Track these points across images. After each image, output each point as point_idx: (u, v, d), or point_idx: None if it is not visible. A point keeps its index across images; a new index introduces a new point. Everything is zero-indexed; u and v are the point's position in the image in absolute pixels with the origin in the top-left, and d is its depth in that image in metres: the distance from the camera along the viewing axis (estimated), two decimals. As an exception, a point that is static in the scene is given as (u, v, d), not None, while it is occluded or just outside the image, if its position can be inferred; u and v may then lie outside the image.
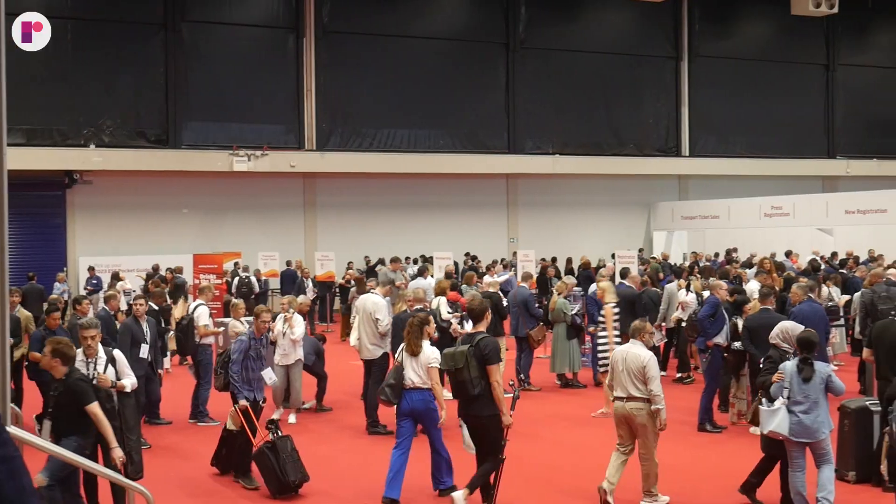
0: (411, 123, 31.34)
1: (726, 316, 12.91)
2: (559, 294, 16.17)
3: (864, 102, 36.92)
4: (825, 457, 8.61)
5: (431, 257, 25.65)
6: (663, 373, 15.05)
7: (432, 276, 21.19)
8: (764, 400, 8.88)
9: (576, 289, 18.24)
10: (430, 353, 9.58)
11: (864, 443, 9.91)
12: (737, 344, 12.65)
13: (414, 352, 9.53)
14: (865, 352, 11.24)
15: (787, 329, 9.61)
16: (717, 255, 29.43)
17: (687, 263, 25.76)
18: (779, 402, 8.62)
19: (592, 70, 33.62)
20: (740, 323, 12.64)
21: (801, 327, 9.42)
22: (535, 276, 23.78)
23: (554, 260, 28.40)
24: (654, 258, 28.14)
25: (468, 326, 10.51)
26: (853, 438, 10.03)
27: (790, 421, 8.53)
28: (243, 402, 10.19)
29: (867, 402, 10.15)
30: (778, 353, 9.36)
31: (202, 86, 28.88)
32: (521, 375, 15.83)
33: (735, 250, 28.94)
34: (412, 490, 9.59)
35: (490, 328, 9.96)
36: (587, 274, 25.51)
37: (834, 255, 26.31)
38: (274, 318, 12.87)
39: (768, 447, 9.04)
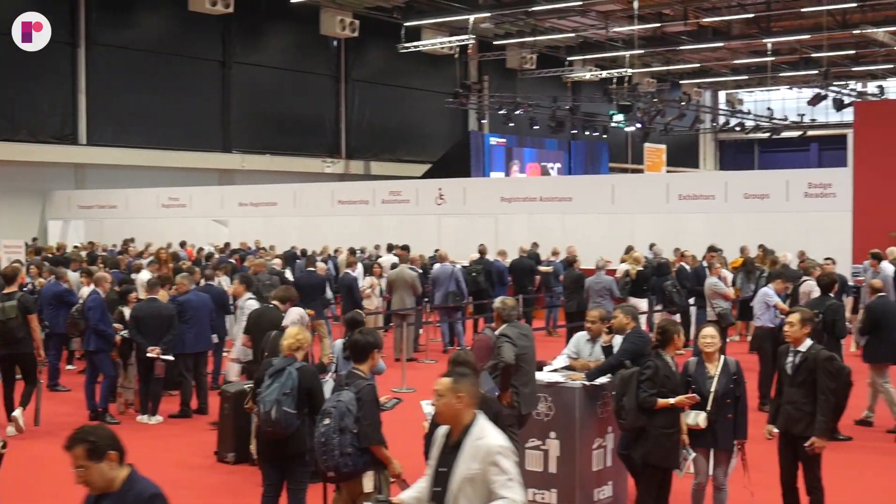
0: None
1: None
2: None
3: (258, 100, 38.67)
4: None
5: None
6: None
7: None
8: None
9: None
10: None
11: (245, 425, 10.43)
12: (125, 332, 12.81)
13: None
14: (244, 338, 11.73)
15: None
16: (114, 245, 29.22)
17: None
18: (329, 376, 9.12)
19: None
20: (127, 312, 12.91)
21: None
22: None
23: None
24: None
25: None
26: (232, 421, 10.59)
27: None
28: None
29: (246, 387, 10.73)
30: None
31: None
32: None
33: (132, 240, 28.94)
34: None
35: None
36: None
37: (227, 245, 27.32)
38: None
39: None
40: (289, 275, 19.68)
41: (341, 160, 41.09)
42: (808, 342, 7.83)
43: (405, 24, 38.27)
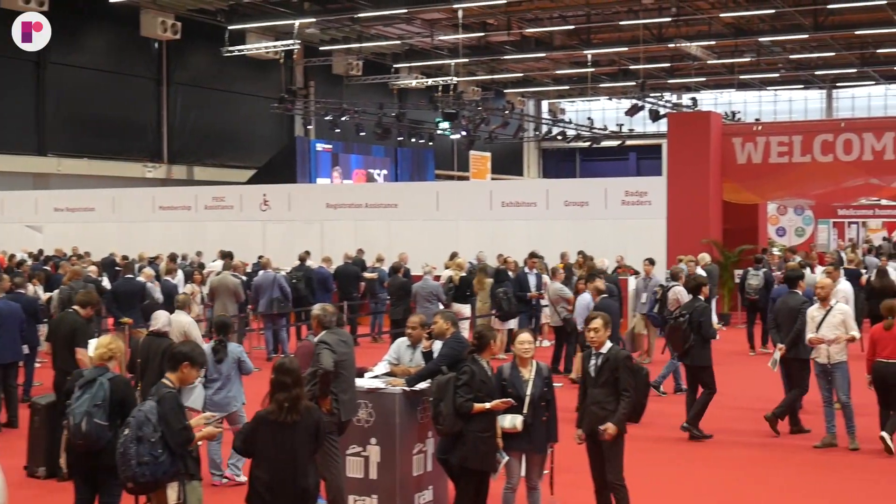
0: None
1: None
2: None
3: (76, 102, 37.36)
4: None
5: None
6: None
7: None
8: None
9: None
10: None
11: (55, 438, 10.07)
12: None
13: None
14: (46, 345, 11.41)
15: None
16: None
17: None
18: (197, 381, 9.11)
19: None
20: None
21: None
22: None
23: None
24: None
25: None
26: (43, 434, 10.20)
27: (205, 396, 9.56)
28: None
29: (55, 399, 10.36)
30: None
31: None
32: None
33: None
34: None
35: None
36: None
37: (41, 252, 26.34)
38: None
39: None
40: (106, 282, 19.11)
41: (163, 165, 40.15)
42: (608, 344, 8.10)
43: (229, 28, 37.73)
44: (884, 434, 11.01)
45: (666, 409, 13.09)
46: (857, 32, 38.02)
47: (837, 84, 53.60)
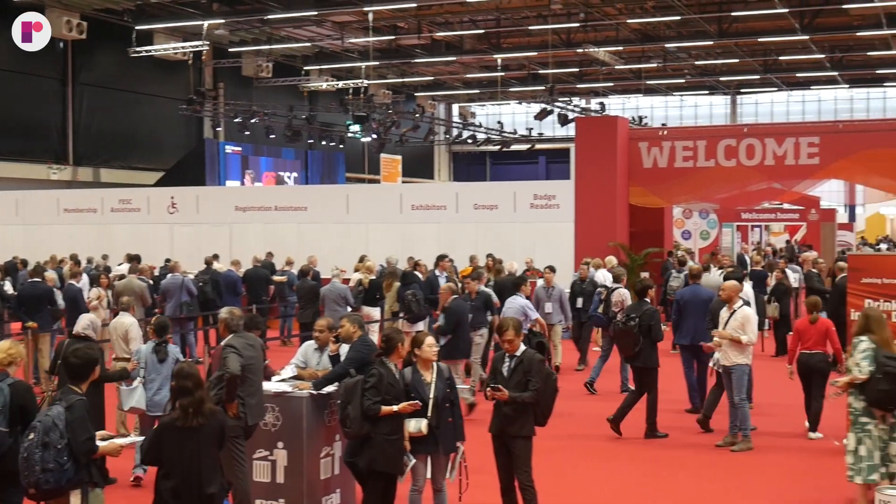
0: None
1: None
2: None
3: None
4: None
5: None
6: None
7: None
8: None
9: None
10: None
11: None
12: None
13: None
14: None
15: None
16: None
17: None
18: (137, 381, 9.95)
19: None
20: None
21: None
22: None
23: None
24: None
25: None
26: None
27: (146, 396, 9.93)
28: None
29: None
30: None
31: None
32: None
33: None
34: None
35: None
36: None
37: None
38: None
39: None
40: (8, 287, 18.71)
41: (68, 167, 39.30)
42: (522, 347, 8.22)
43: (136, 28, 37.13)
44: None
45: (582, 409, 13.33)
46: (760, 40, 38.96)
47: (741, 90, 54.83)
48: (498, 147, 49.22)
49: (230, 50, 42.92)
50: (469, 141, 48.45)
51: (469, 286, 15.14)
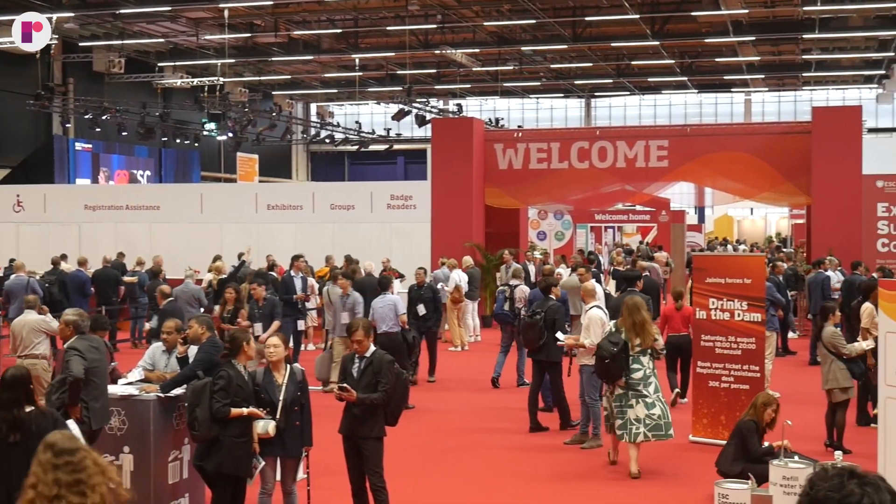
0: None
1: None
2: None
3: None
4: None
5: None
6: None
7: None
8: None
9: None
10: None
11: None
12: None
13: None
14: None
15: None
16: None
17: None
18: None
19: None
20: None
21: None
22: None
23: None
24: None
25: None
26: None
27: None
28: None
29: None
30: None
31: None
32: None
33: None
34: None
35: None
36: None
37: None
38: None
39: None
40: None
41: None
42: (372, 348, 8.22)
43: (-20, 20, 35.76)
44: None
45: (441, 404, 13.41)
46: (613, 44, 39.84)
47: (595, 94, 56.01)
48: (356, 147, 49.10)
49: (81, 44, 41.67)
50: (327, 141, 48.18)
51: (341, 284, 15.34)
